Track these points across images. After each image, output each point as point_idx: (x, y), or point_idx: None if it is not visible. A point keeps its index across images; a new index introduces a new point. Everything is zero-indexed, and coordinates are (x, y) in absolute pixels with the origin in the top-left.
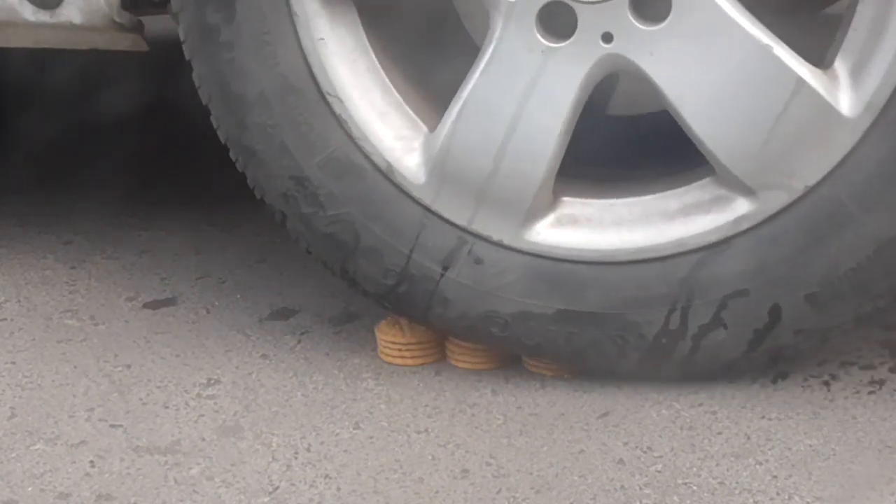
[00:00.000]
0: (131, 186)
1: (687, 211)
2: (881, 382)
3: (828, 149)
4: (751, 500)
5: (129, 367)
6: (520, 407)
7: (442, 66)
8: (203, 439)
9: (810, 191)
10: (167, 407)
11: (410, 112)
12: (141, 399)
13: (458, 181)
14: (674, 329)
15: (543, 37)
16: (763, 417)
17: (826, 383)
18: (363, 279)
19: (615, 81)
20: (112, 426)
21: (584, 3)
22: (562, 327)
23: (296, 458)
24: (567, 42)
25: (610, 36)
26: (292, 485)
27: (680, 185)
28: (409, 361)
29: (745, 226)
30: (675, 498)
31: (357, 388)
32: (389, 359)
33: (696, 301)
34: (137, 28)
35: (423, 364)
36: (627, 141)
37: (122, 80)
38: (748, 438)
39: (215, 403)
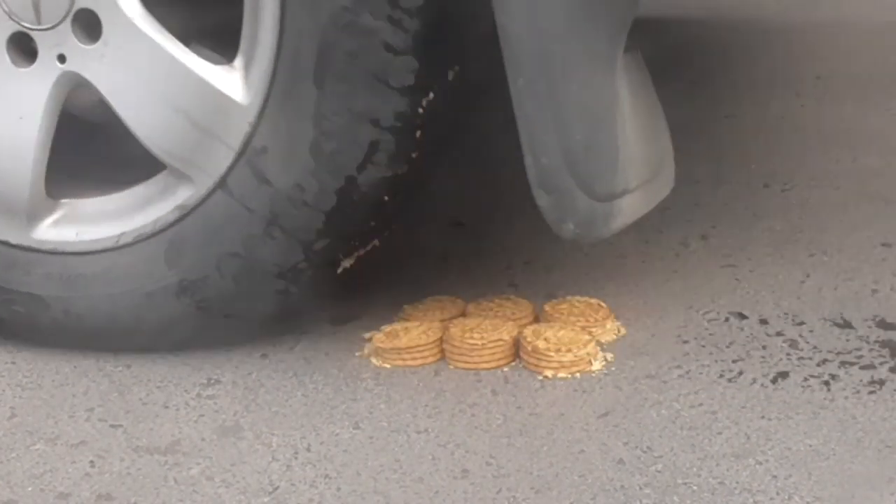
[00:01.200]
0: None
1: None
2: (881, 382)
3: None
4: (751, 500)
5: (129, 367)
6: (520, 407)
7: None
8: (203, 439)
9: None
10: (167, 407)
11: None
12: (141, 399)
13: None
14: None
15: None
16: (763, 417)
17: (826, 383)
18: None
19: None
20: (112, 426)
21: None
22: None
23: (296, 458)
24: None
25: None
26: (292, 485)
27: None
28: (409, 363)
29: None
30: (675, 498)
31: (357, 388)
32: (389, 362)
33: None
34: None
35: (422, 366)
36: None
37: None
38: (748, 438)
39: (215, 403)
